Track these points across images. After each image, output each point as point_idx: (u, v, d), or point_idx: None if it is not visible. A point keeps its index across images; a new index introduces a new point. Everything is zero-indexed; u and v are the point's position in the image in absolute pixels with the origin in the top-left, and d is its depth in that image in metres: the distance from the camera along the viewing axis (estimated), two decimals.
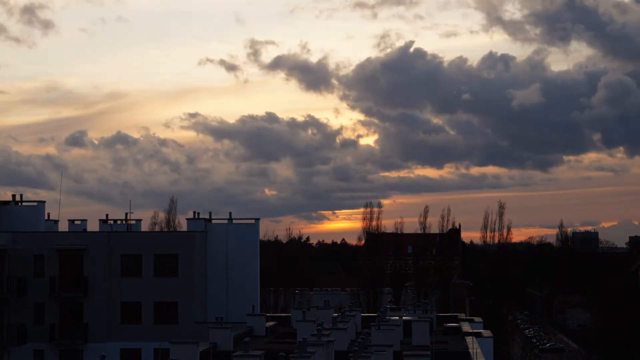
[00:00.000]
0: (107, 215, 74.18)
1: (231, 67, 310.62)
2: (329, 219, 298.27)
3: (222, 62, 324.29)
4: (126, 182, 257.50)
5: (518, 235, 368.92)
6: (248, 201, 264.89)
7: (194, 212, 69.78)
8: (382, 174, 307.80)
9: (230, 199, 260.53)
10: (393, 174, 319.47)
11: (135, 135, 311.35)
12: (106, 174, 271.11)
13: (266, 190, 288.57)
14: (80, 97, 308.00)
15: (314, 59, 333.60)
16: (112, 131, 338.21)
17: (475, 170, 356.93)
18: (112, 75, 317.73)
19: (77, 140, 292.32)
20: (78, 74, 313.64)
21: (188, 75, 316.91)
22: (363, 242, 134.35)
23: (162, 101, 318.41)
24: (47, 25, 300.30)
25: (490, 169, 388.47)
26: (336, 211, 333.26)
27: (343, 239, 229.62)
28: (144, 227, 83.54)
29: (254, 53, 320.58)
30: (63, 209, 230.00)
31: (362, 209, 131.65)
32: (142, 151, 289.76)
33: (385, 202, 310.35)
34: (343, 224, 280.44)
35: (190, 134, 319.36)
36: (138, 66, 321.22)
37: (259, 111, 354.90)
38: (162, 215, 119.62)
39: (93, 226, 73.69)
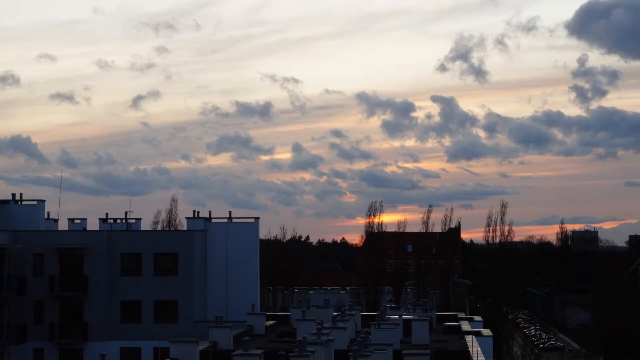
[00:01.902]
0: (107, 214, 74.26)
1: None
2: None
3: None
4: None
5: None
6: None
7: (194, 211, 69.85)
8: None
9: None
10: None
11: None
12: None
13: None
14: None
15: None
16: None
17: None
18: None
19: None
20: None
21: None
22: (363, 240, 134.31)
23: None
24: None
25: None
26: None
27: (343, 238, 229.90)
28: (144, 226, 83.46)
29: None
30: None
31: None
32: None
33: None
34: None
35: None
36: None
37: None
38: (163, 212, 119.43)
39: (93, 225, 73.78)
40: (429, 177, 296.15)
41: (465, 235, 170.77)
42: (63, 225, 74.06)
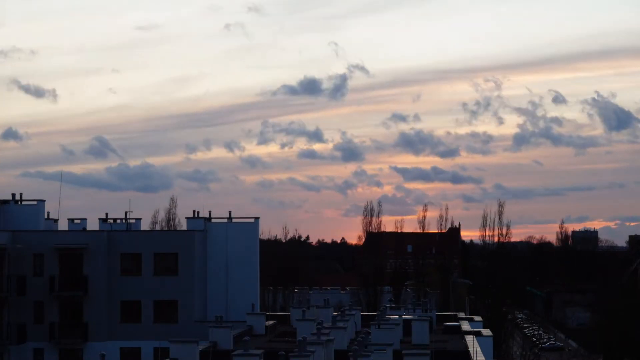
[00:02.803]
0: (107, 214, 74.23)
1: None
2: None
3: None
4: None
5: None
6: None
7: (194, 211, 69.85)
8: None
9: None
10: None
11: None
12: None
13: None
14: None
15: None
16: None
17: None
18: None
19: None
20: None
21: None
22: (363, 240, 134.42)
23: None
24: None
25: None
26: None
27: (342, 238, 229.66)
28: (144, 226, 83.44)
29: None
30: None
31: None
32: None
33: None
34: None
35: None
36: None
37: None
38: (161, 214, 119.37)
39: (93, 225, 73.75)
40: (480, 170, 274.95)
41: (465, 235, 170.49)
42: (63, 225, 74.11)
